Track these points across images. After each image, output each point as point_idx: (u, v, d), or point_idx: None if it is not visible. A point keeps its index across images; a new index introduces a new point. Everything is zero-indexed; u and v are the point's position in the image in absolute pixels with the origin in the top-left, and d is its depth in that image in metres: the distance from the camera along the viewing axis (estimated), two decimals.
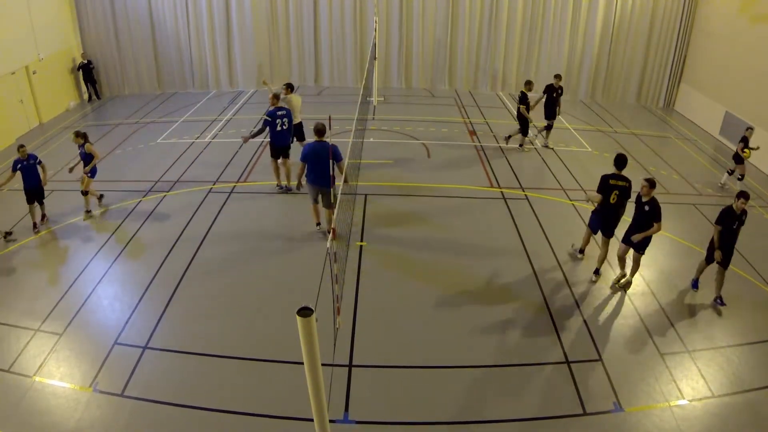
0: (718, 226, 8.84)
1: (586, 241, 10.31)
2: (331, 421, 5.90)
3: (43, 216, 11.25)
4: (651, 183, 8.83)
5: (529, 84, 14.89)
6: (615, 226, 9.71)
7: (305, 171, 10.11)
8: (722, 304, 9.06)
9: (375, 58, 18.55)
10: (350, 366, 7.58)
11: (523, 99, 14.75)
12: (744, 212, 8.79)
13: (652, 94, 21.29)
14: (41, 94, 17.52)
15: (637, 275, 9.77)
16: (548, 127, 15.59)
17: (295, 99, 12.98)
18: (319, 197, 10.37)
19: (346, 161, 9.95)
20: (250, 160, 14.32)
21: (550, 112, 15.26)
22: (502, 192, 12.85)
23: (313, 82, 22.00)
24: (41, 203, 11.11)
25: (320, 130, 9.95)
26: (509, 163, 14.52)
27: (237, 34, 20.90)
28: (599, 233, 9.84)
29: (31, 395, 7.03)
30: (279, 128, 11.89)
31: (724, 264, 9.02)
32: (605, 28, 20.59)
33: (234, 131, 16.60)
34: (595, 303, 9.07)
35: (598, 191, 9.53)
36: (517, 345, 8.07)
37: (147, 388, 7.14)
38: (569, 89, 21.59)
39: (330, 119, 8.98)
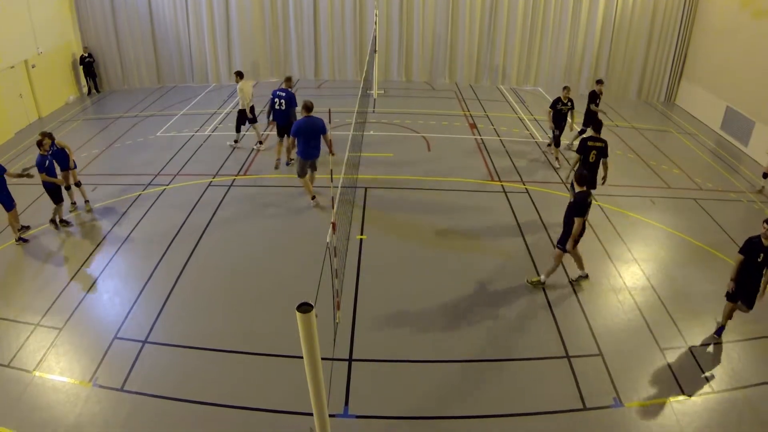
0: (740, 256, 7.77)
1: None
2: (331, 415, 5.91)
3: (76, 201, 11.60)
4: (579, 179, 8.51)
5: (600, 83, 14.37)
6: (595, 179, 10.51)
7: (295, 145, 11.04)
8: (718, 335, 8.16)
9: (375, 51, 18.47)
10: (350, 360, 7.59)
11: (593, 97, 14.13)
12: None
13: (653, 89, 21.19)
14: (40, 88, 17.45)
15: (637, 269, 9.79)
16: (581, 132, 14.49)
17: (245, 86, 14.00)
18: (308, 168, 11.29)
19: (346, 154, 9.93)
20: (250, 154, 14.29)
21: (589, 119, 14.03)
22: (502, 185, 12.82)
23: (313, 76, 21.92)
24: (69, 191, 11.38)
25: (308, 107, 10.72)
26: (510, 157, 14.48)
27: (237, 27, 20.79)
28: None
29: (31, 390, 7.04)
30: (277, 106, 12.73)
31: (746, 302, 7.88)
32: (606, 23, 20.47)
33: (233, 124, 16.54)
34: (595, 297, 9.07)
35: (578, 152, 10.64)
36: (517, 340, 8.07)
37: (147, 382, 7.15)
38: (570, 82, 21.51)
39: (330, 112, 8.94)
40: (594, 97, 14.26)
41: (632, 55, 20.77)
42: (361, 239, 10.45)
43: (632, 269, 9.84)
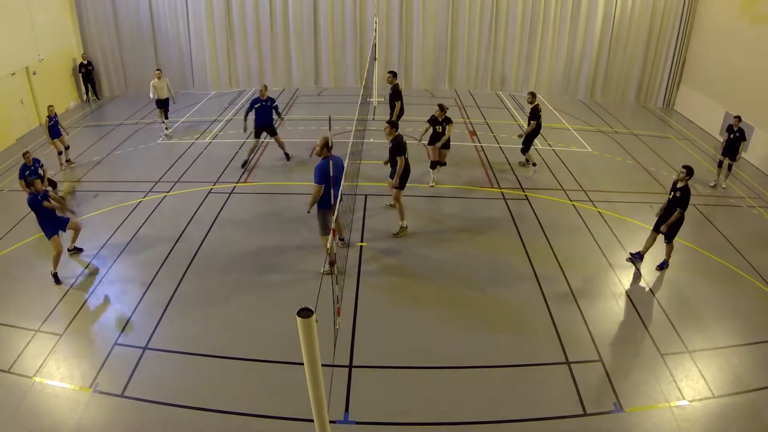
0: (669, 195, 9.72)
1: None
2: (331, 421, 5.90)
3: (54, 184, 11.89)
4: (393, 125, 10.55)
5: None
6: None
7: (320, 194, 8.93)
8: (639, 258, 10.14)
9: (375, 59, 18.55)
10: (350, 366, 7.58)
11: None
12: (685, 188, 9.36)
13: (651, 94, 21.28)
14: (41, 95, 17.50)
15: (637, 275, 9.78)
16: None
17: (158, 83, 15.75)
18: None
19: (346, 162, 9.91)
20: (250, 161, 14.32)
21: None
22: (502, 192, 12.84)
23: (314, 83, 21.99)
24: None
25: (330, 145, 8.93)
26: (509, 164, 14.51)
27: (238, 34, 20.91)
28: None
29: (32, 396, 7.03)
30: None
31: (656, 229, 9.85)
32: (605, 29, 20.59)
33: (234, 131, 16.59)
34: (595, 303, 9.07)
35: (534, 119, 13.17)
36: (517, 345, 8.06)
37: (147, 388, 7.14)
38: (569, 89, 21.62)
39: (330, 120, 8.97)
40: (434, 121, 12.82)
41: (631, 60, 20.88)
42: (361, 246, 10.46)
43: (632, 275, 9.85)
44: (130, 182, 13.14)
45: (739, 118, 13.72)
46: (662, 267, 10.03)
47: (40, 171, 10.96)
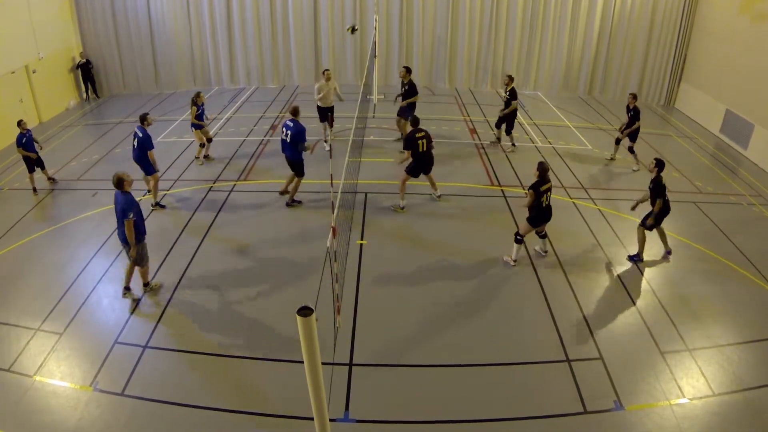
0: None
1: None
2: (331, 419, 5.91)
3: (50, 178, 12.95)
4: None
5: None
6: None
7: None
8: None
9: (375, 56, 18.52)
10: (350, 365, 7.59)
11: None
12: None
13: (652, 92, 21.23)
14: (41, 93, 17.49)
15: (637, 273, 9.78)
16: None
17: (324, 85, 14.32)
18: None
19: (346, 159, 9.90)
20: (250, 159, 14.32)
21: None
22: (502, 190, 12.83)
23: (314, 80, 21.92)
24: (43, 168, 12.70)
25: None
26: (509, 161, 14.50)
27: (238, 31, 20.88)
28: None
29: (32, 394, 7.04)
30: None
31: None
32: (604, 25, 20.54)
33: (233, 129, 16.58)
34: (595, 301, 9.07)
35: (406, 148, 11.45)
36: (517, 343, 8.07)
37: (147, 387, 7.15)
38: (568, 86, 21.58)
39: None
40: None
41: (631, 58, 20.82)
42: (361, 244, 10.46)
43: (632, 273, 9.84)
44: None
45: (634, 96, 14.00)
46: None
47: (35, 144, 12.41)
